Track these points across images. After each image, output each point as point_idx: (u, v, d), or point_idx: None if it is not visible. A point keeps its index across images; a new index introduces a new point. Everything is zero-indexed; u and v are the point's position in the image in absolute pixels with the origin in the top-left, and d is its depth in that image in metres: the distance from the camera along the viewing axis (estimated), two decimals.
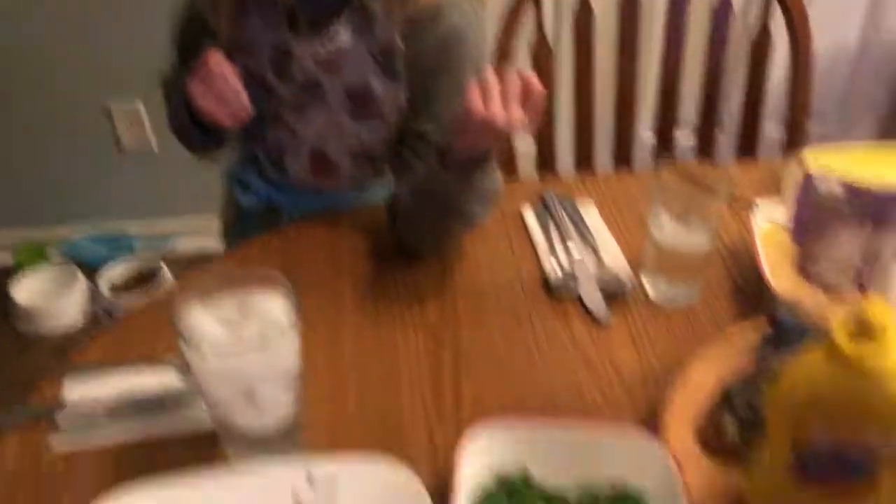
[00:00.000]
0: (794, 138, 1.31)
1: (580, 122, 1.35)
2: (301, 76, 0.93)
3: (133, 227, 2.06)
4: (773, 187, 0.98)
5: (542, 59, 1.28)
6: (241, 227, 1.14)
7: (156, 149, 1.99)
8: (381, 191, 1.05)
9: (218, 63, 0.84)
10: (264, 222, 1.05)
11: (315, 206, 1.04)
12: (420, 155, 0.94)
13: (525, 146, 1.31)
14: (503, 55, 1.24)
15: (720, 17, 1.30)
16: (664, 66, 1.34)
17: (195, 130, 0.93)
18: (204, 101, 0.85)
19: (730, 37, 1.31)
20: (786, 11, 1.26)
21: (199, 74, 0.85)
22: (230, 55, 0.87)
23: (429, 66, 0.91)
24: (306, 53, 0.92)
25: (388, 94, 0.94)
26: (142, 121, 1.94)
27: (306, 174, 1.04)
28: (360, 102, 0.94)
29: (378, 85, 0.93)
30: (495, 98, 0.74)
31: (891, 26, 1.97)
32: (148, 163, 2.00)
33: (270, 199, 1.09)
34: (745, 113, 1.34)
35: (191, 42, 0.96)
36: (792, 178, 0.83)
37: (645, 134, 1.76)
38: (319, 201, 1.06)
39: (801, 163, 0.81)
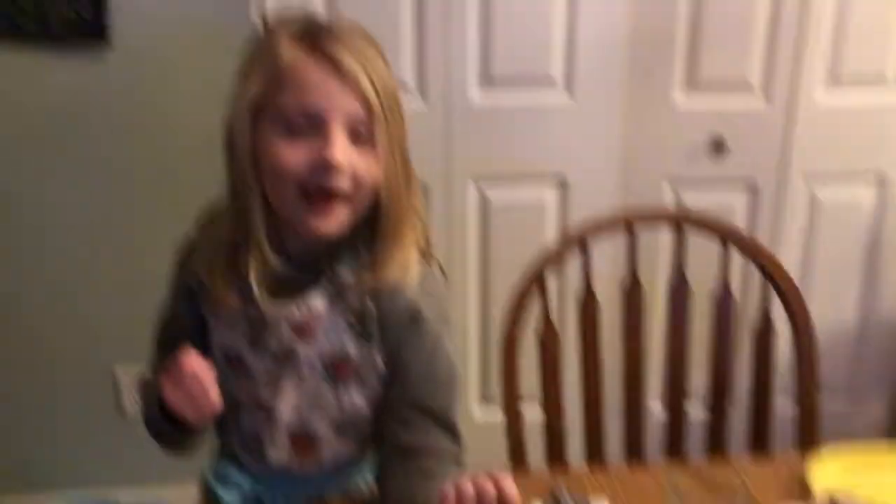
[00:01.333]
0: (806, 416, 1.28)
1: (589, 404, 1.34)
2: (276, 344, 0.93)
3: (123, 494, 1.98)
4: (790, 489, 0.94)
5: (550, 345, 1.29)
6: None
7: None
8: (365, 474, 1.02)
9: (190, 362, 0.85)
10: None
11: (300, 494, 0.99)
12: (397, 421, 0.94)
13: (533, 434, 1.28)
14: (510, 342, 1.25)
15: (721, 304, 1.33)
16: (670, 347, 1.35)
17: (167, 426, 0.91)
18: (174, 396, 0.85)
19: (732, 320, 1.34)
20: (781, 295, 1.30)
21: (172, 372, 0.85)
22: (208, 339, 0.91)
23: (395, 333, 0.93)
24: (281, 317, 0.91)
25: (365, 357, 0.93)
26: None
27: (289, 457, 0.99)
28: (337, 368, 0.94)
29: (353, 349, 0.93)
30: None
31: (887, 306, 2.02)
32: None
33: (254, 492, 1.03)
34: (754, 389, 1.33)
35: (171, 342, 0.95)
36: None
37: (655, 406, 1.74)
38: (304, 488, 1.01)
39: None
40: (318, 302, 0.92)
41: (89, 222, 1.80)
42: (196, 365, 0.84)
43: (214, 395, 0.84)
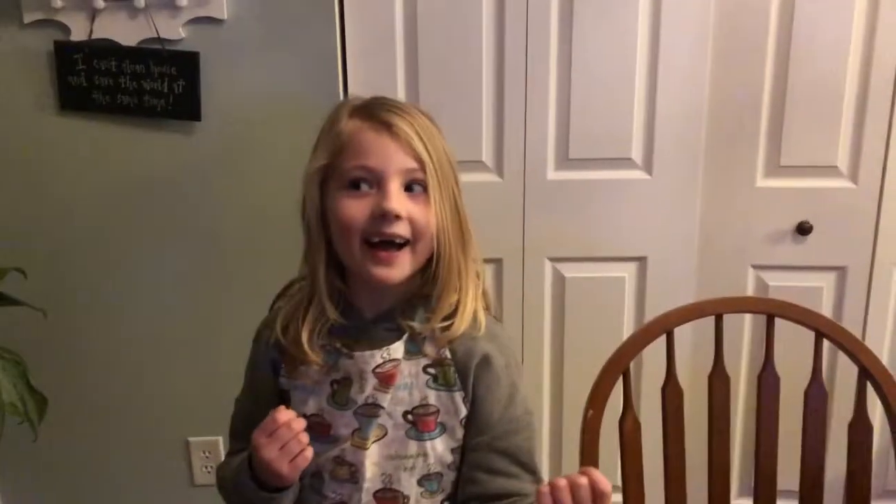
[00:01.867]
0: None
1: (671, 496, 1.29)
2: (361, 398, 0.95)
3: None
4: None
5: (631, 435, 1.26)
6: None
7: None
8: None
9: (282, 413, 0.89)
10: None
11: None
12: (481, 468, 0.96)
13: None
14: (592, 431, 1.22)
15: (814, 398, 1.28)
16: (758, 441, 1.30)
17: (258, 492, 0.94)
18: (267, 450, 0.89)
19: (826, 415, 1.28)
20: (880, 393, 1.24)
21: (266, 425, 0.90)
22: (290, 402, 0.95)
23: (473, 379, 0.96)
24: (366, 368, 0.94)
25: (447, 405, 0.96)
26: (219, 455, 1.94)
27: None
28: (421, 419, 0.95)
29: (435, 398, 0.96)
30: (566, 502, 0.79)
31: None
32: (215, 497, 1.97)
33: None
34: (850, 484, 1.26)
35: (249, 431, 0.96)
36: None
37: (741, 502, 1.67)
38: None
39: None
40: (398, 352, 0.95)
41: (169, 293, 1.84)
42: (288, 415, 0.89)
43: (307, 447, 0.89)
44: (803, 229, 1.79)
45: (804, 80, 1.72)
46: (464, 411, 0.96)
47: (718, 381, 1.28)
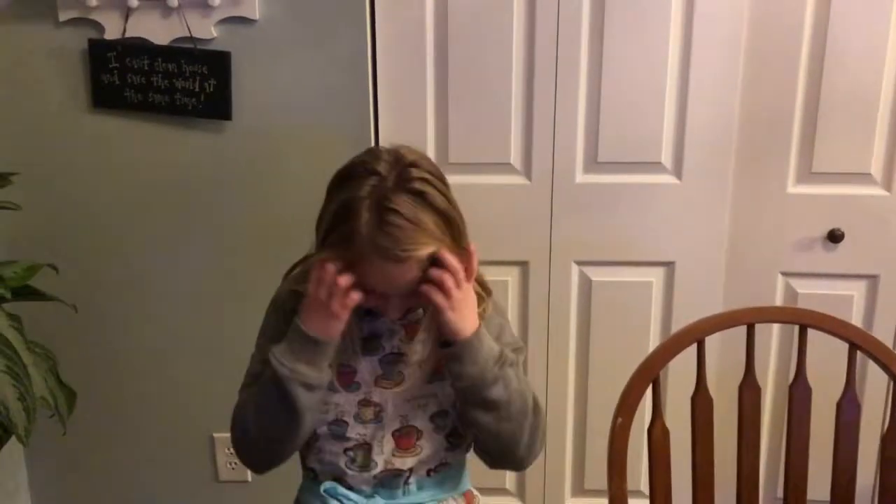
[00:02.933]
0: None
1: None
2: (389, 347, 1.10)
3: None
4: None
5: (660, 443, 1.25)
6: None
7: (249, 478, 1.98)
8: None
9: (333, 271, 1.00)
10: None
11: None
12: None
13: None
14: (621, 439, 1.22)
15: (847, 409, 1.27)
16: (788, 452, 1.29)
17: (279, 398, 1.03)
18: (317, 292, 1.01)
19: (858, 427, 1.27)
20: None
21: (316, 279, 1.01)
22: None
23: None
24: (396, 322, 1.09)
25: None
26: None
27: (393, 456, 1.10)
28: (435, 367, 1.08)
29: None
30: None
31: None
32: (239, 492, 1.99)
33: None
34: (883, 497, 1.25)
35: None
36: None
37: None
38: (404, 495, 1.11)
39: None
40: (419, 312, 1.09)
41: (198, 289, 1.86)
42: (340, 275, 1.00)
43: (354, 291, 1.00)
44: (835, 237, 1.77)
45: (838, 86, 1.70)
46: None
47: (749, 391, 1.27)
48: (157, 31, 1.68)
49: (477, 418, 1.05)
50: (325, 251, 1.02)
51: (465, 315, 1.01)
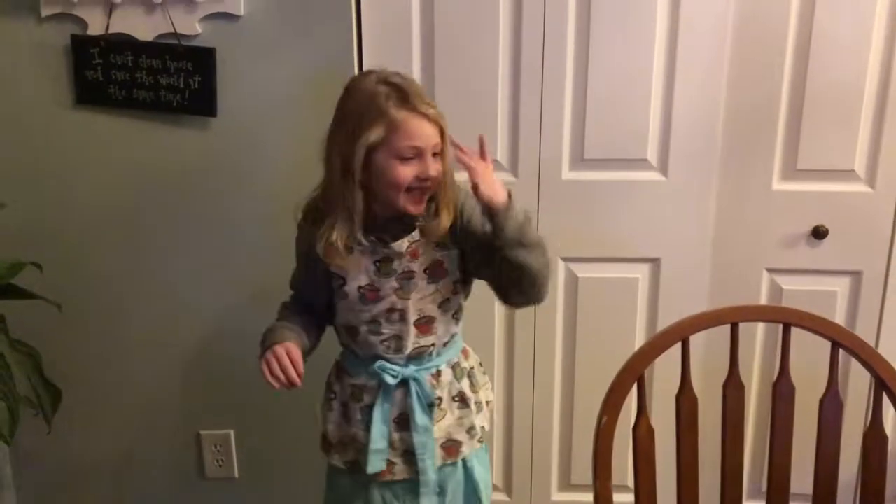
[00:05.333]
0: None
1: (683, 500, 1.30)
2: (399, 267, 1.36)
3: None
4: None
5: (645, 440, 1.26)
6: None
7: (236, 475, 1.98)
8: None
9: (288, 352, 1.33)
10: None
11: (426, 369, 1.42)
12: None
13: None
14: (606, 436, 1.22)
15: (829, 406, 1.28)
16: (772, 449, 1.30)
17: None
18: (263, 367, 1.35)
19: (840, 424, 1.28)
20: (893, 399, 1.24)
21: (269, 355, 1.34)
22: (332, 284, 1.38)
23: (462, 228, 1.37)
24: (402, 249, 1.35)
25: (448, 258, 1.38)
26: (230, 449, 1.95)
27: (417, 339, 1.39)
28: (434, 271, 1.37)
29: (440, 255, 1.37)
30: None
31: None
32: (226, 489, 1.99)
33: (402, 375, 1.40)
34: (864, 493, 1.26)
35: (303, 287, 1.46)
36: None
37: None
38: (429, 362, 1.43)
39: None
40: (416, 236, 1.36)
41: (182, 287, 1.85)
42: (292, 354, 1.34)
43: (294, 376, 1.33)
44: (819, 233, 1.79)
45: (822, 83, 1.71)
46: (458, 260, 1.38)
47: (733, 389, 1.28)
48: (141, 27, 1.66)
49: (521, 258, 1.28)
50: (363, 136, 1.27)
51: (495, 184, 1.28)
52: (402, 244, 1.36)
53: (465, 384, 1.44)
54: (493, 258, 1.30)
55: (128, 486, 2.00)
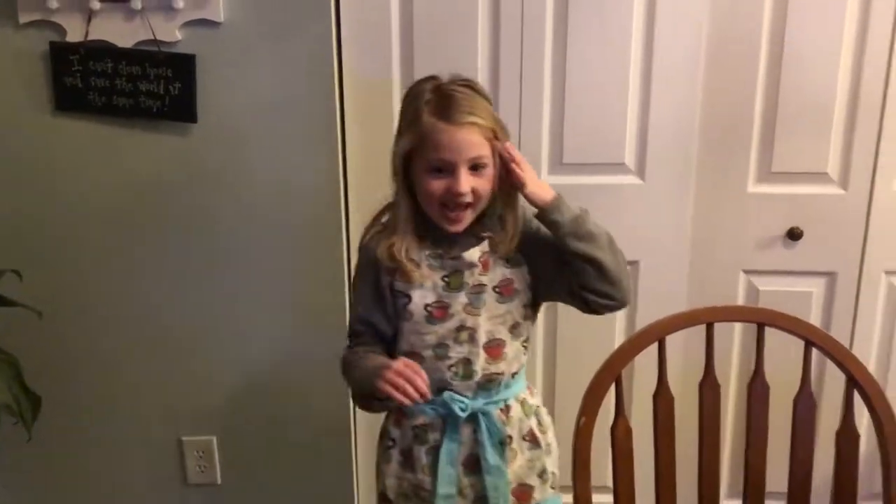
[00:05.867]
0: None
1: (662, 501, 1.31)
2: (471, 280, 1.28)
3: None
4: None
5: (623, 439, 1.28)
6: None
7: (219, 480, 1.98)
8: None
9: (408, 365, 1.19)
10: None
11: (494, 401, 1.32)
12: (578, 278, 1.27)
13: None
14: (585, 435, 1.24)
15: (802, 404, 1.30)
16: (747, 448, 1.32)
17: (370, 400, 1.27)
18: (387, 388, 1.17)
19: (814, 422, 1.31)
20: (867, 402, 1.26)
21: (390, 374, 1.18)
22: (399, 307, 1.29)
23: (528, 243, 1.31)
24: (473, 260, 1.28)
25: (517, 276, 1.31)
26: (213, 455, 1.95)
27: (486, 364, 1.30)
28: (504, 289, 1.30)
29: (509, 272, 1.30)
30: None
31: None
32: (209, 495, 1.99)
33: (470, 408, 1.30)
34: (837, 490, 1.28)
35: (368, 324, 1.33)
36: None
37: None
38: (497, 393, 1.32)
39: None
40: (486, 247, 1.29)
41: (163, 294, 1.85)
42: (415, 368, 1.19)
43: (424, 388, 1.17)
44: (794, 235, 1.82)
45: (796, 87, 1.74)
46: (528, 278, 1.31)
47: (709, 389, 1.30)
48: (121, 33, 1.66)
49: (587, 251, 1.23)
50: (399, 142, 1.24)
51: (541, 184, 1.26)
52: (474, 253, 1.29)
53: (533, 422, 1.34)
54: (564, 268, 1.25)
55: (109, 492, 1.99)
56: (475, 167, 1.23)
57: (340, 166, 1.77)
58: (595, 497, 1.28)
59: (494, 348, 1.30)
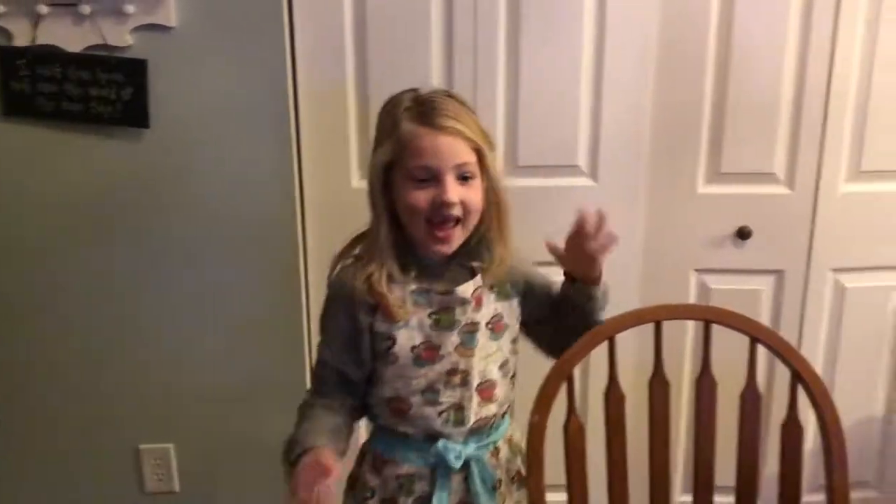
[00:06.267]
0: None
1: (614, 497, 1.33)
2: (464, 318, 1.19)
3: None
4: None
5: (575, 438, 1.29)
6: None
7: (178, 488, 1.96)
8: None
9: (323, 464, 1.08)
10: None
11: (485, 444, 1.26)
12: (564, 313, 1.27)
13: None
14: (537, 434, 1.25)
15: (749, 400, 1.33)
16: (697, 441, 1.35)
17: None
18: (297, 487, 1.10)
19: (760, 416, 1.33)
20: (810, 395, 1.29)
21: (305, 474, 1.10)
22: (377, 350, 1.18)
23: (521, 280, 1.27)
24: (466, 296, 1.19)
25: (507, 310, 1.25)
26: (170, 463, 1.94)
27: (479, 407, 1.22)
28: (496, 325, 1.23)
29: (500, 307, 1.24)
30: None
31: None
32: (166, 503, 1.97)
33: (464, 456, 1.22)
34: (783, 482, 1.31)
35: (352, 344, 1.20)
36: None
37: (683, 499, 1.72)
38: (488, 437, 1.26)
39: None
40: (479, 282, 1.21)
41: (118, 300, 1.83)
42: (330, 467, 1.08)
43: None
44: (743, 234, 1.86)
45: (743, 90, 1.78)
46: (518, 311, 1.26)
47: (658, 385, 1.33)
48: (70, 38, 1.65)
49: (599, 319, 1.27)
50: (377, 154, 1.15)
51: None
52: (468, 288, 1.19)
53: (519, 461, 1.30)
54: (547, 321, 1.25)
55: (65, 501, 1.96)
56: (463, 177, 1.13)
57: (295, 169, 1.77)
58: (549, 495, 1.29)
59: (487, 390, 1.23)
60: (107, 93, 1.68)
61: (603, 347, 1.29)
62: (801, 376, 1.29)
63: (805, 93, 1.78)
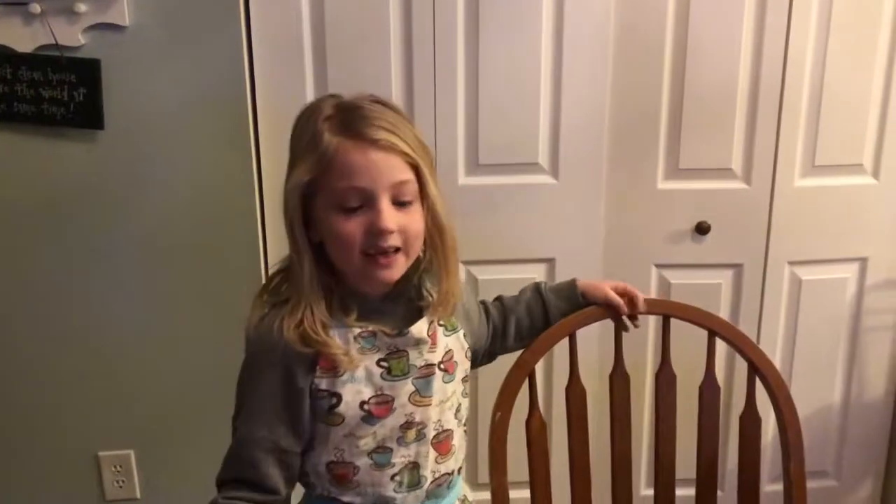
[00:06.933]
0: (793, 499, 1.29)
1: (577, 492, 1.34)
2: (420, 362, 1.03)
3: None
4: None
5: (537, 433, 1.30)
6: None
7: (139, 495, 1.93)
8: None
9: None
10: None
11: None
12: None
13: None
14: (500, 430, 1.26)
15: (707, 392, 1.35)
16: (658, 434, 1.36)
17: None
18: None
19: (718, 409, 1.35)
20: (767, 386, 1.32)
21: None
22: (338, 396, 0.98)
23: (464, 312, 1.14)
24: (422, 337, 1.03)
25: (455, 345, 1.09)
26: (131, 470, 1.91)
27: (435, 464, 1.07)
28: (448, 365, 1.07)
29: (450, 343, 1.08)
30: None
31: (870, 385, 2.04)
32: None
33: None
34: (742, 473, 1.33)
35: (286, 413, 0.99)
36: None
37: (646, 492, 1.74)
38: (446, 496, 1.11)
39: None
40: (432, 318, 1.05)
41: (74, 304, 1.80)
42: None
43: None
44: (702, 229, 1.88)
45: (699, 88, 1.80)
46: (467, 345, 1.12)
47: (619, 379, 1.34)
48: (20, 38, 1.62)
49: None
50: (293, 174, 0.97)
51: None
52: (422, 326, 1.03)
53: None
54: (503, 333, 1.25)
55: None
56: (400, 203, 0.96)
57: (255, 170, 1.75)
58: (512, 492, 1.29)
59: (444, 442, 1.07)
60: (59, 94, 1.65)
61: (564, 343, 1.30)
62: (758, 368, 1.31)
63: (760, 89, 1.81)
